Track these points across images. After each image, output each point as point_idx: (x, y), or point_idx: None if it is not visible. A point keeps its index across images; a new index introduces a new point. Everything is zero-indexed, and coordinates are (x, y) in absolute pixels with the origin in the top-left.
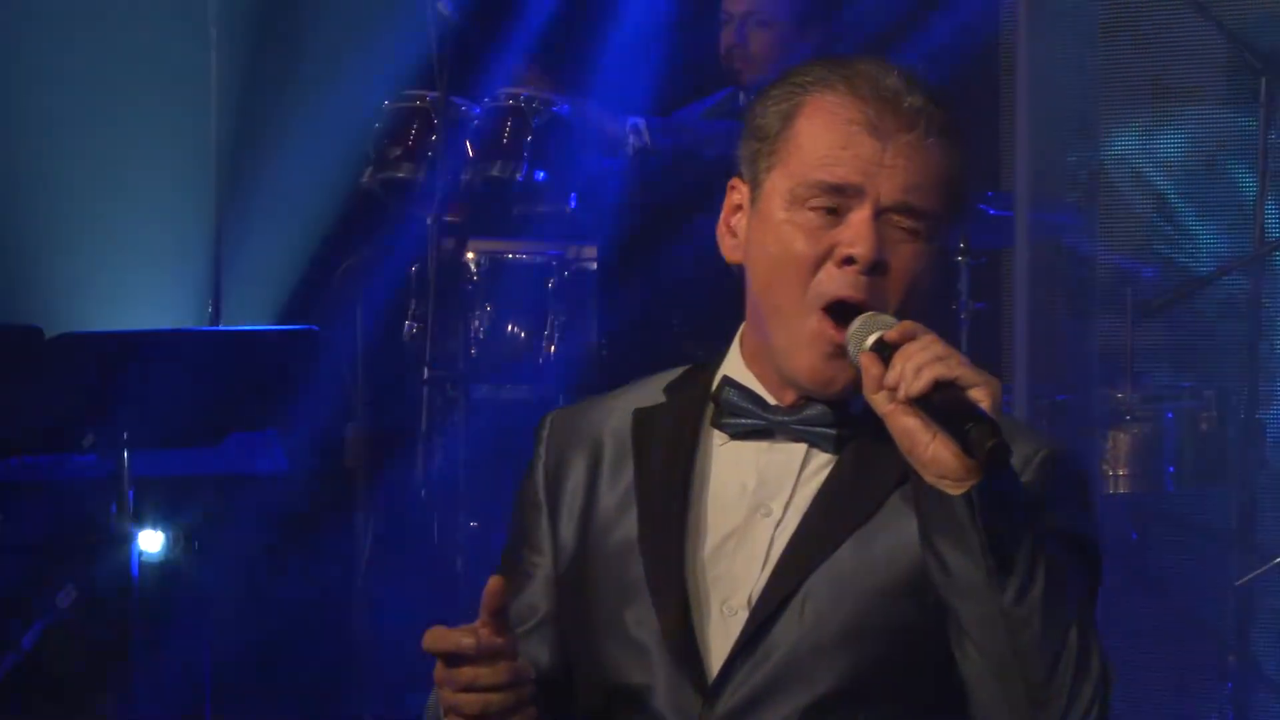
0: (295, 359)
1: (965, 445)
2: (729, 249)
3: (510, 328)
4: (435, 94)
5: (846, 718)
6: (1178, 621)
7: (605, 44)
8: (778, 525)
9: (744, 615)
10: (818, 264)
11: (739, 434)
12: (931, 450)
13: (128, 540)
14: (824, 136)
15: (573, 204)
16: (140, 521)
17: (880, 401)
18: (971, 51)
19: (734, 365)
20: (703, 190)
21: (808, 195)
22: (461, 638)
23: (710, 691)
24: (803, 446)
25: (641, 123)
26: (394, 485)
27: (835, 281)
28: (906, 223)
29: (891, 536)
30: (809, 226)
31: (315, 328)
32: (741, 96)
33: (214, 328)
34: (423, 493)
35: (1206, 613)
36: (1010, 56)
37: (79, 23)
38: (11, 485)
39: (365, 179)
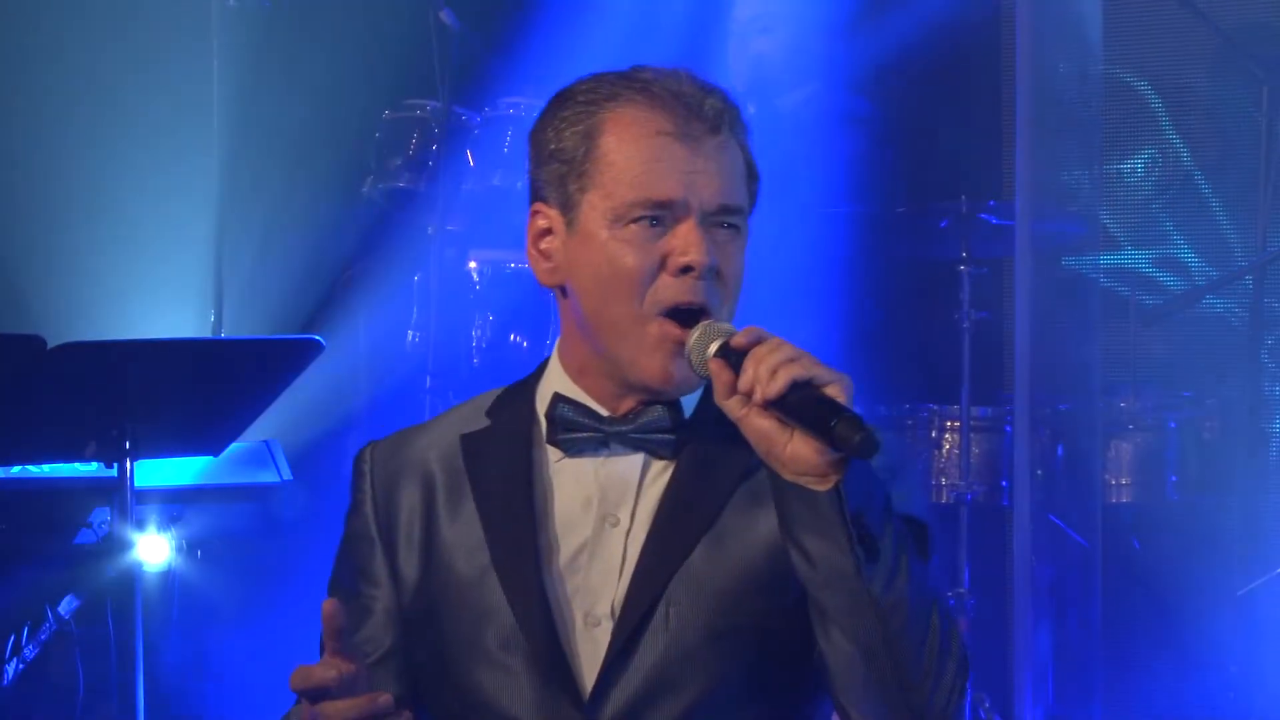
0: (297, 368)
1: (831, 440)
2: (544, 273)
3: (512, 337)
4: (436, 103)
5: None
6: (1180, 630)
7: (605, 52)
8: (628, 533)
9: (608, 625)
10: (651, 275)
11: (574, 449)
12: (791, 449)
13: (130, 549)
14: (635, 151)
15: None
16: (142, 531)
17: (733, 407)
18: (973, 61)
19: (560, 383)
20: None
21: (630, 213)
22: (324, 673)
23: (589, 706)
24: (640, 455)
25: None
26: None
27: (672, 289)
28: (726, 222)
29: (741, 536)
30: (636, 240)
31: (317, 337)
32: (750, 107)
33: (216, 337)
34: None
35: (1209, 621)
36: (1012, 66)
37: (81, 32)
38: (14, 494)
39: (367, 188)
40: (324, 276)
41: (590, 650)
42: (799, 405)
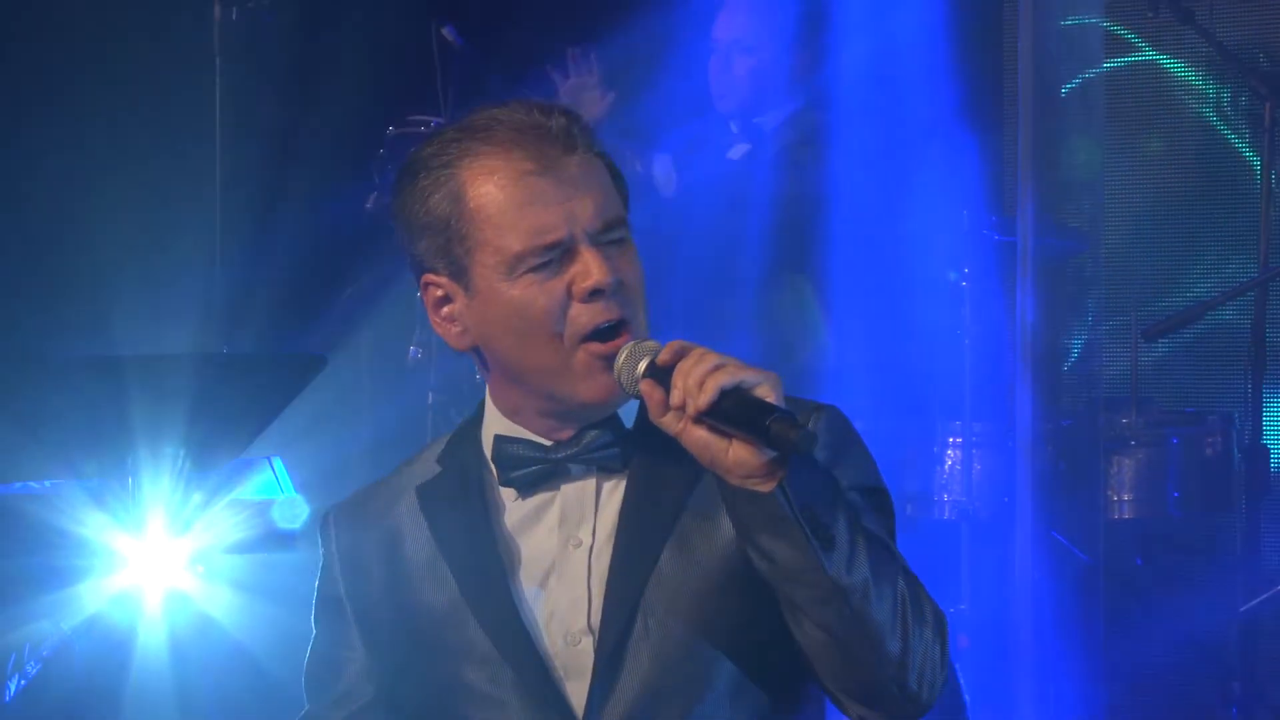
0: (300, 384)
1: (769, 440)
2: (455, 338)
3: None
4: (440, 119)
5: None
6: (1182, 647)
7: (606, 67)
8: (591, 550)
9: (588, 641)
10: (562, 309)
11: (527, 485)
12: (732, 455)
13: (132, 565)
14: (505, 199)
15: None
16: (144, 546)
17: (670, 423)
18: (975, 78)
19: (499, 425)
20: (702, 227)
21: (523, 264)
22: None
23: None
24: (592, 476)
25: (669, 160)
26: None
27: (586, 315)
28: (613, 236)
29: (705, 537)
30: (536, 284)
31: (320, 352)
32: (733, 125)
33: (218, 352)
34: None
35: (1211, 638)
36: (1014, 81)
37: (82, 46)
38: (15, 509)
39: (370, 204)
40: (327, 292)
41: (576, 669)
42: (732, 412)
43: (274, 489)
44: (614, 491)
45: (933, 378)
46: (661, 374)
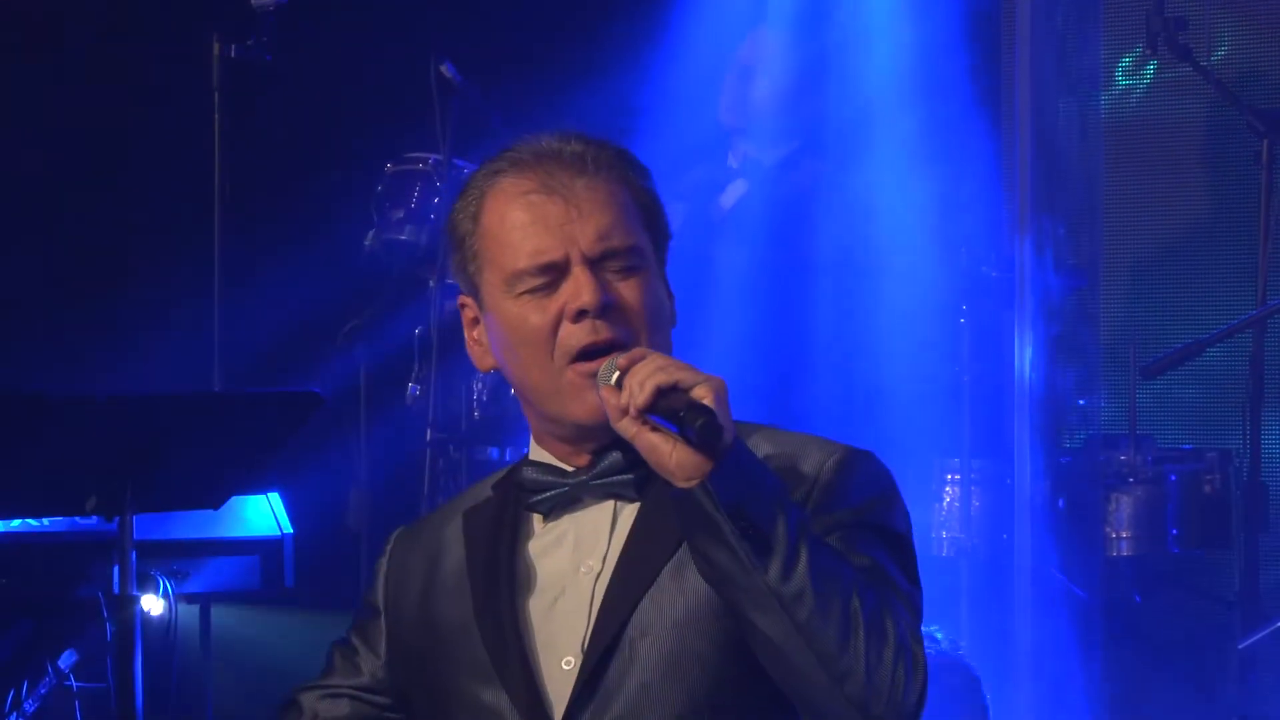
0: (298, 422)
1: (687, 436)
2: (479, 358)
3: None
4: (438, 156)
5: None
6: (1181, 684)
7: (605, 97)
8: (597, 576)
9: (578, 665)
10: (555, 328)
11: (549, 509)
12: (675, 456)
13: (130, 603)
14: (509, 217)
15: None
16: (143, 584)
17: (626, 428)
18: (973, 115)
19: (533, 450)
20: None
21: (520, 283)
22: None
23: None
24: (610, 502)
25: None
26: None
27: (575, 335)
28: (616, 265)
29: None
30: (534, 302)
31: (318, 390)
32: (732, 160)
33: (216, 390)
34: None
35: (1209, 675)
36: (1012, 118)
37: (84, 83)
38: (14, 548)
39: (368, 241)
40: (325, 329)
41: (564, 693)
42: (666, 410)
43: (272, 526)
44: (629, 519)
45: (932, 415)
46: (622, 380)
